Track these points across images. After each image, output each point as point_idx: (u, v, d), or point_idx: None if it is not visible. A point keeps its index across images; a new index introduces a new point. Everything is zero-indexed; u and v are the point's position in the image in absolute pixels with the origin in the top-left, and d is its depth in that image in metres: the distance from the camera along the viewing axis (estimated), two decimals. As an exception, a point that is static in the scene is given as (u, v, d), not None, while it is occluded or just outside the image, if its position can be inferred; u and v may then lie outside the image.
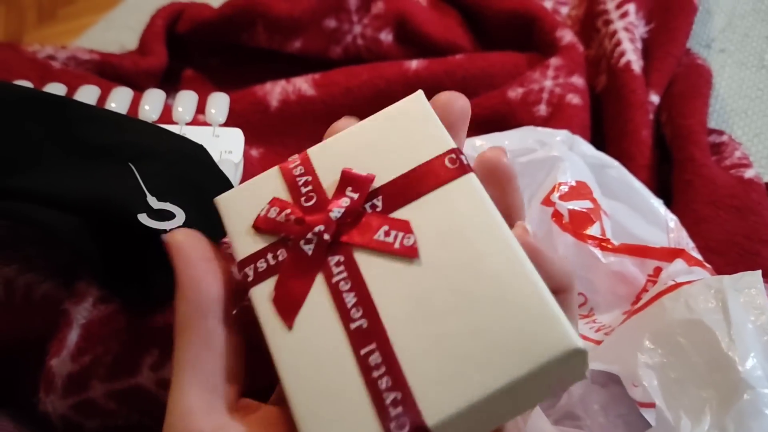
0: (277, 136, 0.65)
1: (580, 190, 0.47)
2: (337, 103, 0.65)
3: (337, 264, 0.26)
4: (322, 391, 0.24)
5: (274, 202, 0.28)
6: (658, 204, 0.49)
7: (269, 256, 0.27)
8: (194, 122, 0.41)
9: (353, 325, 0.25)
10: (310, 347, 0.25)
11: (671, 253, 0.42)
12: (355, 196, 0.27)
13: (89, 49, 0.66)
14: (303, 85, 0.66)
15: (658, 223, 0.48)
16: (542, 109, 0.60)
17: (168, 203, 0.30)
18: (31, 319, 0.33)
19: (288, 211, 0.27)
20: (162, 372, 0.32)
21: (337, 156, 0.28)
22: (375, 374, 0.24)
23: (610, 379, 0.44)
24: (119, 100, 0.42)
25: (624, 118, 0.58)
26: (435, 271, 0.25)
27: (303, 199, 0.28)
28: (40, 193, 0.31)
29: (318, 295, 0.26)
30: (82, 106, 0.36)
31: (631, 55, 0.61)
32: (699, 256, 0.45)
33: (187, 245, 0.27)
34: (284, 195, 0.28)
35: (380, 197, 0.27)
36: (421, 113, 0.28)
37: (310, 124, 0.65)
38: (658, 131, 0.60)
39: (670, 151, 0.57)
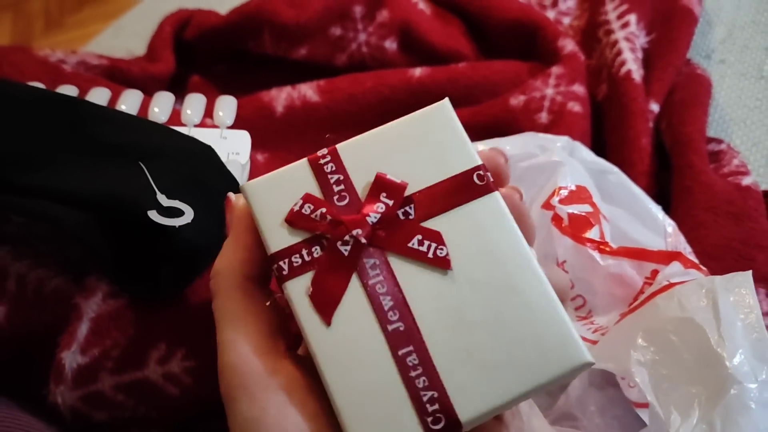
0: (282, 141, 0.66)
1: (579, 195, 0.47)
2: (342, 109, 0.66)
3: (373, 267, 0.27)
4: (363, 386, 0.26)
5: (307, 198, 0.28)
6: (656, 209, 0.50)
7: (304, 252, 0.28)
8: (202, 125, 0.42)
9: (391, 327, 0.27)
10: (349, 344, 0.26)
11: (668, 256, 0.43)
12: (390, 202, 0.28)
13: (98, 54, 0.68)
14: (308, 91, 0.67)
15: (656, 228, 0.49)
16: (543, 117, 0.61)
17: (177, 201, 0.31)
18: (42, 313, 0.34)
19: (323, 210, 0.28)
20: (168, 366, 0.33)
21: (366, 156, 0.29)
22: (413, 374, 0.26)
23: (607, 381, 0.44)
24: (129, 102, 0.43)
25: (624, 125, 0.59)
26: (465, 284, 0.27)
27: (335, 197, 0.28)
28: (54, 190, 0.32)
29: (354, 295, 0.27)
30: (94, 106, 0.37)
31: (632, 65, 0.62)
32: (696, 261, 0.46)
33: (247, 214, 0.29)
34: (315, 190, 0.29)
35: (412, 205, 0.28)
36: (449, 123, 0.30)
37: (315, 129, 0.66)
38: (658, 139, 0.61)
39: (670, 158, 0.58)
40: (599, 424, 0.43)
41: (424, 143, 0.29)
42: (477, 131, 0.62)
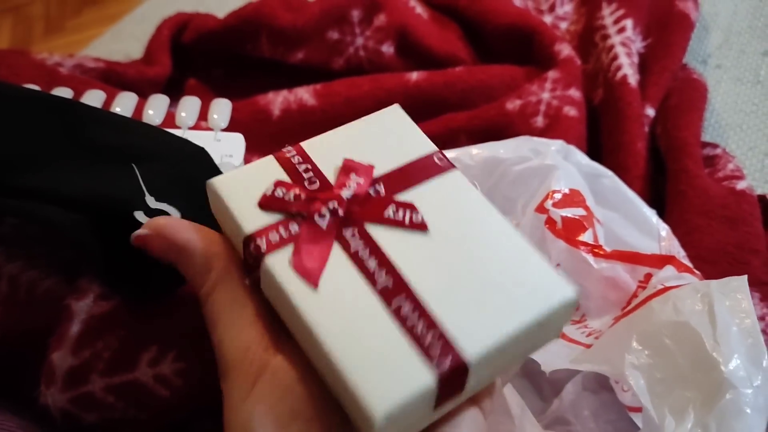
0: (278, 144, 0.65)
1: (573, 198, 0.47)
2: (338, 113, 0.66)
3: (352, 235, 0.28)
4: (363, 342, 0.25)
5: (279, 183, 0.29)
6: (650, 213, 0.50)
7: (281, 228, 0.28)
8: (196, 127, 0.42)
9: (380, 285, 0.27)
10: (340, 304, 0.26)
11: (662, 260, 0.43)
12: (361, 180, 0.29)
13: (95, 58, 0.68)
14: (305, 95, 0.67)
15: (650, 232, 0.49)
16: (539, 121, 0.61)
17: (165, 204, 0.31)
18: (33, 314, 0.34)
19: (296, 191, 0.29)
20: (159, 367, 0.33)
21: (330, 149, 0.31)
22: (409, 323, 0.26)
23: (601, 385, 0.44)
24: (124, 105, 0.43)
25: (620, 130, 0.59)
26: (444, 242, 0.28)
27: (306, 182, 0.29)
28: (47, 191, 0.32)
29: (338, 260, 0.27)
30: (88, 108, 0.37)
31: (628, 69, 0.62)
32: (690, 265, 0.46)
33: (167, 223, 0.30)
34: (285, 179, 0.29)
35: (381, 184, 0.30)
36: (403, 120, 0.32)
37: (311, 133, 0.65)
38: (654, 143, 0.61)
39: (665, 162, 0.58)
40: (593, 428, 0.43)
41: (383, 136, 0.31)
42: (473, 135, 0.62)
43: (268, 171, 0.30)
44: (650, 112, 0.62)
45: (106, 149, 0.34)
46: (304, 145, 0.31)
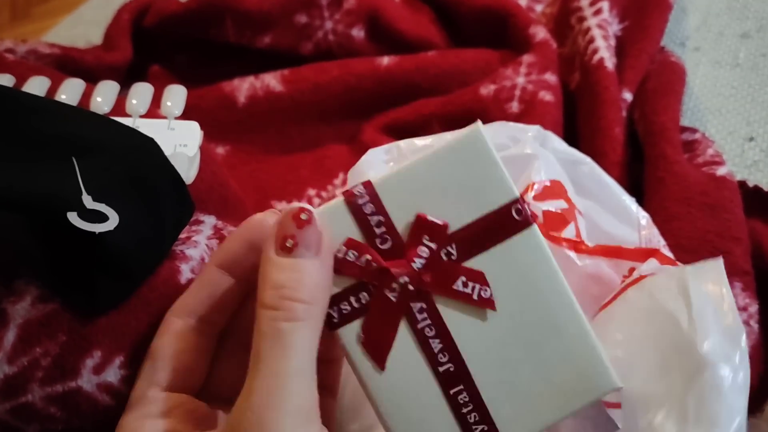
0: (244, 133, 0.64)
1: (554, 190, 0.46)
2: (306, 99, 0.63)
3: (420, 311, 0.29)
4: (421, 426, 0.29)
5: (350, 243, 0.29)
6: (629, 201, 0.48)
7: (352, 299, 0.29)
8: (149, 115, 0.40)
9: (442, 368, 0.29)
10: (404, 387, 0.29)
11: (645, 253, 0.41)
12: (433, 245, 0.29)
13: (50, 43, 0.65)
14: (271, 81, 0.64)
15: (629, 220, 0.48)
16: (514, 106, 0.59)
17: (103, 204, 0.29)
18: (-34, 319, 0.31)
19: (368, 257, 0.29)
20: (104, 375, 0.31)
21: (403, 192, 0.29)
22: (464, 410, 0.29)
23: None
24: (70, 92, 0.40)
25: (596, 115, 0.58)
26: (508, 322, 0.29)
27: (378, 240, 0.29)
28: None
29: (404, 339, 0.29)
30: (26, 96, 0.34)
31: (604, 52, 0.61)
32: (670, 254, 0.44)
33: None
34: (356, 232, 0.29)
35: (454, 245, 0.29)
36: (483, 151, 0.29)
37: (279, 121, 0.64)
38: (631, 129, 0.59)
39: (643, 148, 0.56)
40: (570, 425, 0.42)
41: (461, 175, 0.29)
42: (446, 121, 0.60)
43: (339, 219, 0.29)
44: (628, 96, 0.60)
45: (45, 141, 0.31)
46: (377, 184, 0.29)
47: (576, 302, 0.29)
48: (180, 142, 0.38)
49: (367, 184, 0.29)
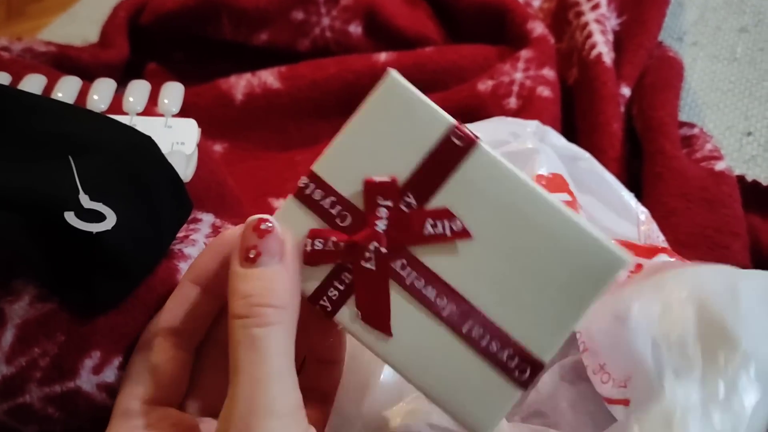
0: (242, 130, 0.64)
1: (556, 183, 0.45)
2: (304, 96, 0.63)
3: (402, 267, 0.28)
4: (448, 375, 0.28)
5: (313, 234, 0.29)
6: (628, 197, 0.48)
7: (336, 283, 0.29)
8: (146, 113, 0.39)
9: (445, 312, 0.28)
10: (418, 345, 0.28)
11: (650, 251, 0.41)
12: (389, 203, 0.28)
13: (46, 41, 0.64)
14: (269, 78, 0.64)
15: (628, 216, 0.48)
16: (512, 102, 0.59)
17: (101, 204, 0.28)
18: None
19: (334, 239, 0.29)
20: (103, 375, 0.30)
21: (345, 165, 0.29)
22: (483, 343, 0.28)
23: (579, 376, 0.43)
24: (66, 90, 0.40)
25: (595, 110, 0.58)
26: (492, 243, 0.28)
27: (338, 220, 0.29)
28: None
29: (399, 300, 0.29)
30: (22, 94, 0.34)
31: (602, 48, 0.61)
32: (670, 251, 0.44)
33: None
34: (316, 222, 0.29)
35: (409, 194, 0.28)
36: (404, 92, 0.29)
37: (276, 118, 0.64)
38: (630, 124, 0.59)
39: (641, 143, 0.56)
40: (570, 421, 0.42)
41: (391, 126, 0.28)
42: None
43: (296, 218, 0.29)
44: (626, 91, 0.60)
45: (40, 140, 0.31)
46: (317, 168, 0.29)
47: (551, 198, 0.28)
48: (177, 139, 0.38)
49: (309, 173, 0.29)
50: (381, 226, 0.28)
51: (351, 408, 0.38)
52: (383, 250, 0.28)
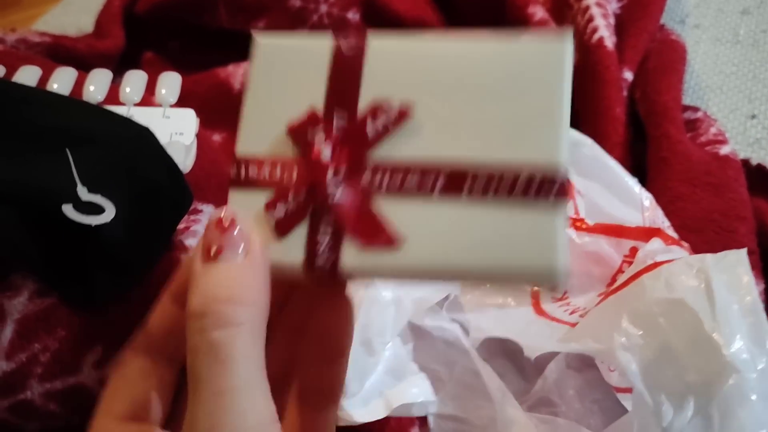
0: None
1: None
2: (302, 84, 0.62)
3: (372, 176, 0.26)
4: (482, 243, 0.25)
5: (269, 204, 0.27)
6: (632, 182, 0.48)
7: (320, 235, 0.26)
8: (144, 103, 0.39)
9: (438, 189, 0.26)
10: (434, 236, 0.26)
11: (647, 233, 0.41)
12: (321, 132, 0.27)
13: (40, 32, 0.63)
14: (267, 66, 0.63)
15: (632, 201, 0.47)
16: (514, 88, 0.58)
17: (99, 196, 0.28)
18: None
19: (291, 194, 0.27)
20: (105, 370, 0.30)
21: (262, 133, 0.28)
22: (492, 191, 0.25)
23: (586, 364, 0.42)
24: (62, 81, 0.39)
25: (597, 95, 0.57)
26: (434, 103, 0.26)
27: (284, 180, 0.27)
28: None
29: (389, 207, 0.26)
30: (17, 87, 0.34)
31: (604, 31, 0.60)
32: (675, 235, 0.44)
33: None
34: (266, 198, 0.27)
35: (335, 114, 0.27)
36: (278, 52, 0.28)
37: (275, 106, 0.63)
38: (633, 109, 0.59)
39: (645, 128, 0.56)
40: (578, 409, 0.41)
41: (285, 80, 0.28)
42: (445, 104, 0.60)
43: (246, 204, 0.27)
44: (628, 75, 0.59)
45: (36, 133, 0.30)
46: (240, 151, 0.28)
47: (458, 40, 0.27)
48: (176, 130, 0.37)
49: (235, 160, 0.28)
50: (326, 153, 0.27)
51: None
52: (342, 172, 0.27)
